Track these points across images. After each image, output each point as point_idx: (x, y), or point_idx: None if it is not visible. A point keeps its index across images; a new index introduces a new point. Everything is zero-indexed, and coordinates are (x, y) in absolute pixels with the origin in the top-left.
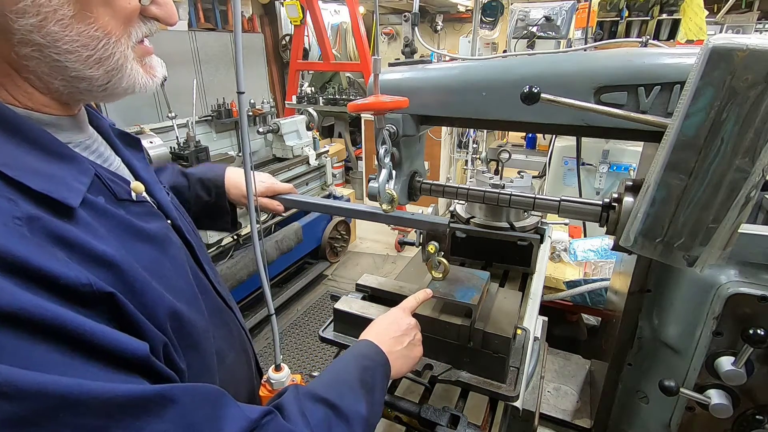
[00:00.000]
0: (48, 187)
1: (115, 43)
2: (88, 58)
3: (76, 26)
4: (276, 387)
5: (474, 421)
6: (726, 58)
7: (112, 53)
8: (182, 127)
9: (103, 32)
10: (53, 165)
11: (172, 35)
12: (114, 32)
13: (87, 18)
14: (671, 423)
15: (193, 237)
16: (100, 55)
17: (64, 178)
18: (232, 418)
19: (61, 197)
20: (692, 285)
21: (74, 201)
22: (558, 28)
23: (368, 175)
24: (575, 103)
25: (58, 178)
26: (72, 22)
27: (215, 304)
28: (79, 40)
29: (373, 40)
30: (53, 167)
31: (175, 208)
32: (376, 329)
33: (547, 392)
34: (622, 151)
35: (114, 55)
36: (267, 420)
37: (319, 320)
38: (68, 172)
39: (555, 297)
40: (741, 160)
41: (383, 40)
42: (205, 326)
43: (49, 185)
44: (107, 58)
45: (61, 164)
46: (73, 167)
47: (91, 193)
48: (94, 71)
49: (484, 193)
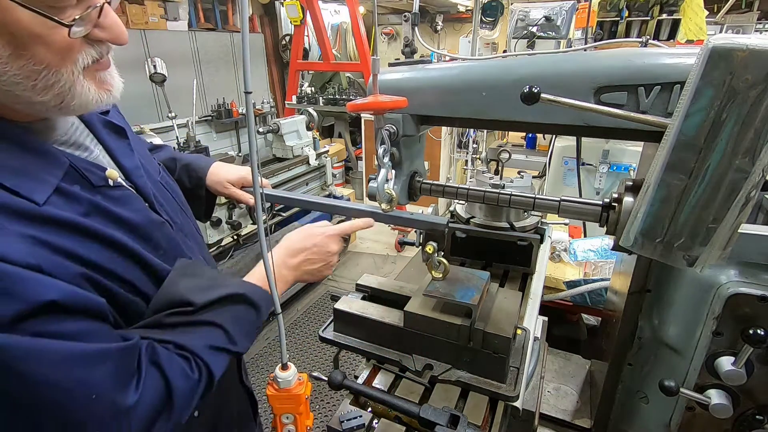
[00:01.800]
0: (19, 184)
1: (56, 73)
2: (34, 87)
3: (16, 62)
4: (283, 386)
5: (474, 421)
6: (726, 58)
7: (57, 80)
8: (182, 127)
9: (41, 66)
10: (27, 161)
11: (172, 35)
12: (53, 64)
13: (23, 56)
14: (671, 423)
15: (172, 214)
16: (45, 84)
17: (37, 175)
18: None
19: (28, 194)
20: (692, 285)
21: (40, 197)
22: (558, 28)
23: (368, 175)
24: (575, 103)
25: (31, 175)
26: (10, 60)
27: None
28: (21, 73)
29: (373, 40)
30: (27, 163)
31: (164, 187)
32: (289, 246)
33: (547, 392)
34: (622, 151)
35: (59, 82)
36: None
37: (319, 320)
38: (41, 167)
39: (555, 297)
40: (741, 160)
41: (383, 40)
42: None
43: (21, 182)
44: (53, 85)
45: (36, 160)
46: (48, 162)
47: (67, 182)
48: (43, 97)
49: (484, 193)
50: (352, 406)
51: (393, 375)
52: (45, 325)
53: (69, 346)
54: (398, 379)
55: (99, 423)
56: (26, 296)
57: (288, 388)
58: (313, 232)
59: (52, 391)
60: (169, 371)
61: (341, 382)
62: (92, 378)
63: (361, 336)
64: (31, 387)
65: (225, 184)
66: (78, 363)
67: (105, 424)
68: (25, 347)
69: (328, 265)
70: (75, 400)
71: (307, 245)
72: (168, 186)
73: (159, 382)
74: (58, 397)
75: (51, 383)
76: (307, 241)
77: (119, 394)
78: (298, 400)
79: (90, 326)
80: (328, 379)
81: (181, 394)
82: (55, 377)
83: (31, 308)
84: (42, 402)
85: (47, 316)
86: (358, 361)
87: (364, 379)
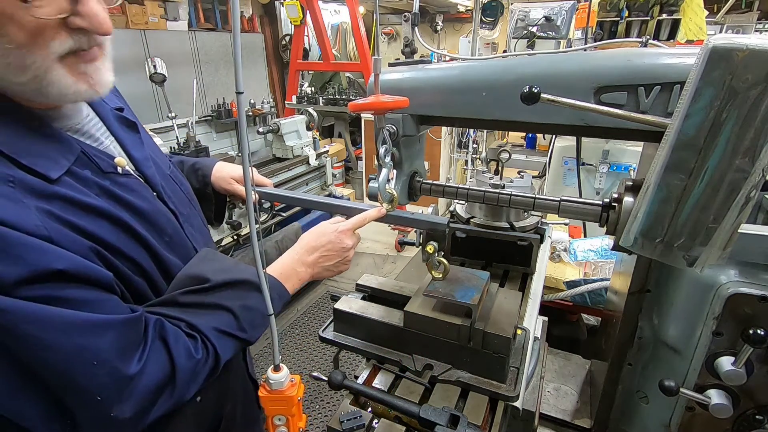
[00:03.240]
0: (35, 161)
1: (28, 54)
2: (8, 66)
3: None
4: (275, 387)
5: (474, 421)
6: (726, 58)
7: (31, 62)
8: (182, 127)
9: (13, 45)
10: (42, 144)
11: (172, 35)
12: (24, 44)
13: None
14: (671, 423)
15: (179, 206)
16: (18, 63)
17: (52, 156)
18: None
19: (43, 170)
20: (692, 285)
21: (54, 173)
22: (558, 28)
23: (368, 175)
24: (575, 103)
25: (46, 155)
26: None
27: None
28: None
29: (373, 40)
30: (42, 145)
31: (173, 180)
32: (305, 244)
33: (547, 392)
34: (622, 151)
35: (34, 63)
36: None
37: (319, 320)
38: (55, 150)
39: (555, 297)
40: (741, 160)
41: (383, 40)
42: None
43: (37, 161)
44: (27, 66)
45: (53, 145)
46: (62, 147)
47: (78, 166)
48: (19, 77)
49: (484, 193)
50: (352, 406)
51: (393, 375)
52: (52, 290)
53: (73, 313)
54: (398, 379)
55: (100, 389)
56: (37, 262)
57: (280, 389)
58: (327, 230)
59: (55, 355)
60: (174, 349)
61: (341, 382)
62: (95, 345)
63: (361, 336)
64: (35, 350)
65: (229, 180)
66: (81, 330)
67: (106, 390)
68: (30, 311)
69: (345, 260)
70: (77, 365)
71: (322, 242)
72: (177, 179)
73: (163, 357)
74: (60, 361)
75: (54, 347)
76: (321, 238)
77: (121, 362)
78: (291, 401)
79: (98, 296)
80: (328, 379)
81: (184, 372)
82: (58, 342)
83: (39, 274)
84: (45, 366)
85: (55, 284)
86: (358, 361)
87: (364, 379)
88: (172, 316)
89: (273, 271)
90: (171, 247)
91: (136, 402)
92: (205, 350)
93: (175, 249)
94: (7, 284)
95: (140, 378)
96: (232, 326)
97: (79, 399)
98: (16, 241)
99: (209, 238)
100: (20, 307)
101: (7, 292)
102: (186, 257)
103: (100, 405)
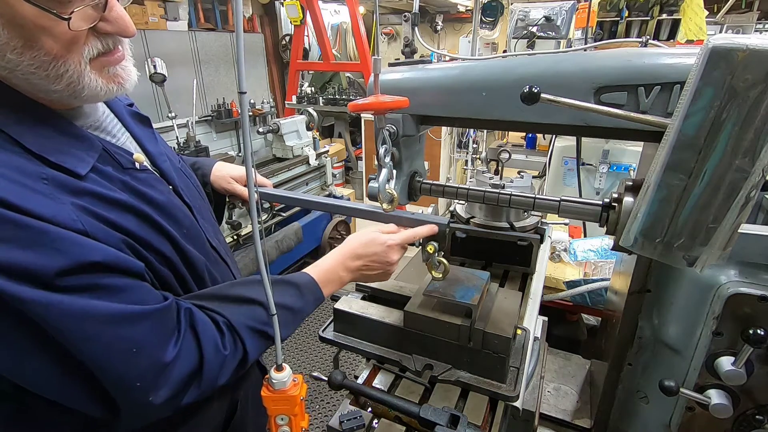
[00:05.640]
0: (64, 159)
1: (63, 63)
2: (47, 77)
3: (28, 53)
4: (278, 387)
5: (474, 421)
6: (726, 58)
7: (66, 71)
8: (182, 127)
9: (50, 56)
10: (67, 142)
11: (172, 35)
12: (61, 55)
13: (33, 47)
14: (671, 423)
15: (192, 199)
16: (56, 74)
17: (77, 154)
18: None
19: (72, 167)
20: (692, 285)
21: (82, 170)
22: (558, 28)
23: (368, 175)
24: (575, 103)
25: (72, 153)
26: (24, 51)
27: (209, 254)
28: (34, 63)
29: (373, 40)
30: (67, 144)
31: (184, 174)
32: (351, 249)
33: (547, 392)
34: (622, 151)
35: (68, 72)
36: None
37: (319, 320)
38: (80, 148)
39: (555, 297)
40: (741, 160)
41: (383, 40)
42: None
43: (65, 158)
44: (62, 75)
45: (77, 143)
46: (85, 145)
47: (101, 163)
48: (56, 86)
49: (484, 193)
50: (352, 406)
51: (393, 375)
52: (90, 280)
53: (110, 305)
54: (398, 379)
55: (139, 376)
56: (74, 254)
57: (283, 389)
58: (376, 240)
59: (95, 345)
60: (203, 339)
61: (341, 382)
62: (133, 334)
63: (361, 336)
64: (76, 342)
65: (228, 180)
66: (119, 320)
67: (144, 377)
68: (71, 305)
69: (386, 273)
70: (116, 354)
71: (368, 252)
72: (186, 173)
73: (193, 345)
74: (101, 351)
75: (94, 338)
76: (369, 248)
77: (159, 349)
78: (293, 401)
79: (132, 283)
80: (328, 379)
81: (210, 363)
82: (98, 332)
83: (79, 266)
84: (86, 355)
85: (93, 274)
86: (358, 361)
87: (364, 379)
88: (209, 308)
89: (316, 273)
90: (188, 240)
91: (170, 388)
92: (233, 345)
93: (192, 240)
94: (49, 276)
95: (175, 364)
96: (263, 322)
97: (119, 386)
98: (55, 236)
99: (218, 230)
100: (61, 301)
101: (49, 284)
102: (201, 248)
103: (138, 390)
